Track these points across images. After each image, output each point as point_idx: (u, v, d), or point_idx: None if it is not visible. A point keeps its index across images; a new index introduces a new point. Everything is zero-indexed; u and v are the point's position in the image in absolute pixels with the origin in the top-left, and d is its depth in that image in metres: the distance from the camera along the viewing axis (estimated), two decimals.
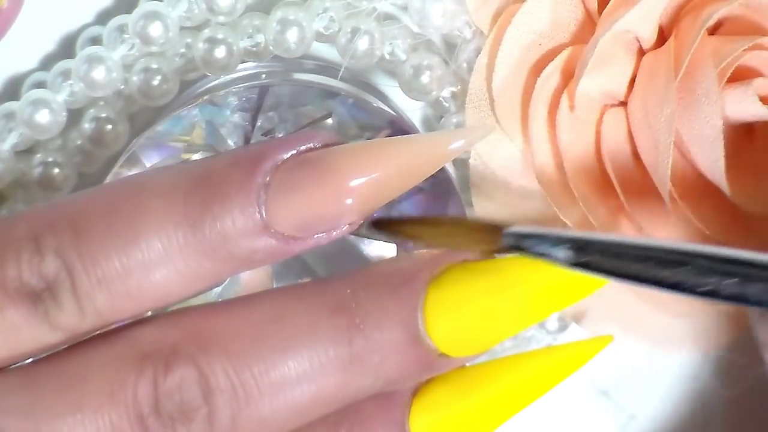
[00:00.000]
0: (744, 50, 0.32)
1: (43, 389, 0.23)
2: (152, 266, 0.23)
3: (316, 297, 0.24)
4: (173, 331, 0.23)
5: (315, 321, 0.23)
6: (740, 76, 0.33)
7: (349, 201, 0.24)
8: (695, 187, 0.34)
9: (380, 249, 0.35)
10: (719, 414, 0.35)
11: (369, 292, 0.24)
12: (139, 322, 0.24)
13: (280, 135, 0.35)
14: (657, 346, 0.38)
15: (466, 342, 0.24)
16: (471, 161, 0.36)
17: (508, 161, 0.36)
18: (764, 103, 0.33)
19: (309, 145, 0.24)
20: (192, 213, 0.23)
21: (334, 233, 0.24)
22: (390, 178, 0.24)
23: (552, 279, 0.23)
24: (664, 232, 0.35)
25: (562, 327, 0.38)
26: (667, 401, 0.40)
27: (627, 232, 0.35)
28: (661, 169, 0.32)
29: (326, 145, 0.24)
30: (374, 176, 0.23)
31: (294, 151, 0.24)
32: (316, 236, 0.24)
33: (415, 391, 0.25)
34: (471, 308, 0.24)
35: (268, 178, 0.24)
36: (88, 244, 0.23)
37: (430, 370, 0.25)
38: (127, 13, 0.36)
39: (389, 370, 0.24)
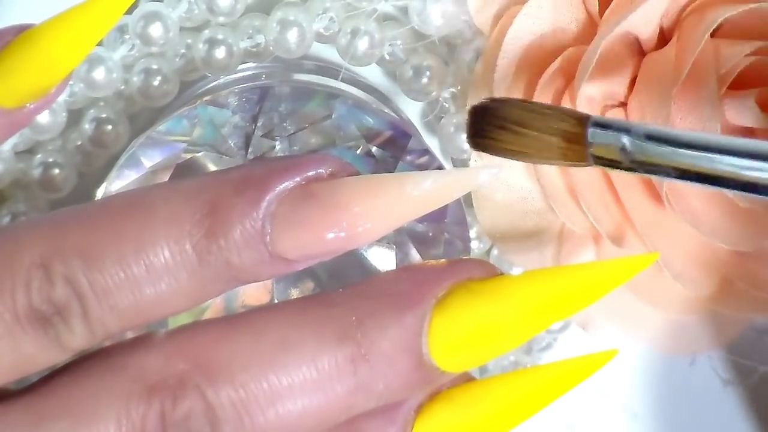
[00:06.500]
0: (746, 56, 0.32)
1: (52, 427, 0.23)
2: (162, 293, 0.24)
3: (321, 325, 0.24)
4: (180, 359, 0.24)
5: (321, 351, 0.24)
6: (741, 83, 0.33)
7: (354, 236, 0.24)
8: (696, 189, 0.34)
9: (379, 252, 0.35)
10: (720, 413, 0.35)
11: (374, 319, 0.24)
12: (144, 347, 0.24)
13: (281, 135, 0.35)
14: (657, 346, 0.38)
15: (468, 359, 0.24)
16: (471, 162, 0.36)
17: (509, 162, 0.35)
18: (764, 111, 0.33)
19: (315, 172, 0.24)
20: (198, 244, 0.24)
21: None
22: (398, 217, 0.24)
23: (554, 294, 0.24)
24: (662, 233, 0.35)
25: (564, 326, 0.38)
26: (667, 399, 0.40)
27: (630, 240, 0.35)
28: None
29: (333, 174, 0.24)
30: (382, 217, 0.24)
31: (299, 178, 0.24)
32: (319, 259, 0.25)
33: (419, 409, 0.26)
34: (475, 330, 0.24)
35: (273, 207, 0.24)
36: (99, 273, 0.23)
37: (430, 385, 0.25)
38: (127, 14, 0.36)
39: (392, 393, 0.24)
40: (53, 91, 0.27)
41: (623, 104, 0.35)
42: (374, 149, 0.34)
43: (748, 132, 0.34)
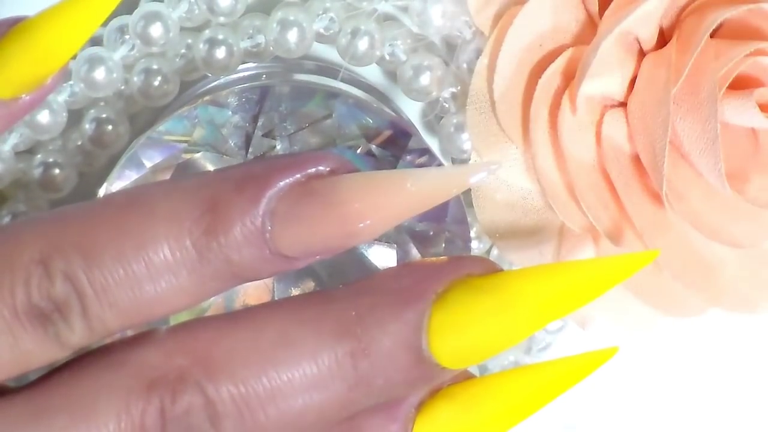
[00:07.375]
0: (745, 56, 0.32)
1: (52, 422, 0.23)
2: (161, 291, 0.24)
3: (321, 321, 0.24)
4: (179, 355, 0.24)
5: (321, 347, 0.24)
6: (741, 84, 0.33)
7: (354, 232, 0.24)
8: (696, 189, 0.34)
9: (380, 251, 0.35)
10: (719, 413, 0.36)
11: (373, 315, 0.24)
12: (144, 344, 0.24)
13: (281, 135, 0.35)
14: (656, 345, 0.38)
15: (467, 355, 0.24)
16: (471, 162, 0.36)
17: (509, 162, 0.36)
18: (765, 112, 0.33)
19: (315, 169, 0.24)
20: (198, 242, 0.24)
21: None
22: (398, 214, 0.24)
23: (554, 290, 0.24)
24: (662, 233, 0.35)
25: (562, 326, 0.38)
26: (666, 399, 0.40)
27: (629, 239, 0.35)
28: (658, 170, 0.33)
29: (333, 171, 0.24)
30: (382, 213, 0.24)
31: (299, 175, 0.24)
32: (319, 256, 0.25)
33: (420, 406, 0.26)
34: (474, 325, 0.24)
35: (273, 204, 0.24)
36: (99, 270, 0.24)
37: (431, 382, 0.25)
38: (127, 14, 0.36)
39: (392, 388, 0.24)
40: (49, 82, 0.27)
41: (623, 104, 0.35)
42: (374, 148, 0.34)
43: (749, 132, 0.34)
